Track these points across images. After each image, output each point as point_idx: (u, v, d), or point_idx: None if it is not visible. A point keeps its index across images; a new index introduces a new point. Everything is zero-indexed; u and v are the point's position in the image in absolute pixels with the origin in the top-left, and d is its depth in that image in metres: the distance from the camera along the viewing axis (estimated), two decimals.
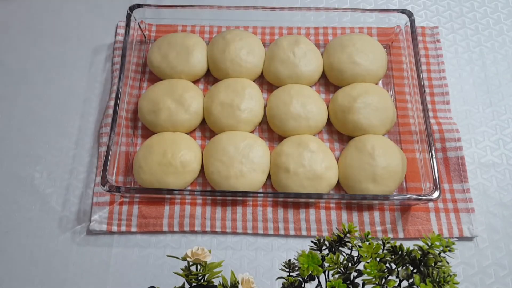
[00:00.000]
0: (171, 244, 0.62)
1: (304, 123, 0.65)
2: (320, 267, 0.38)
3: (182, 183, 0.63)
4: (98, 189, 0.64)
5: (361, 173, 0.61)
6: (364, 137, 0.64)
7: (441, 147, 0.65)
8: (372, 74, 0.69)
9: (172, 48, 0.70)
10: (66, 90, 0.73)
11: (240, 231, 0.62)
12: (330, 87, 0.72)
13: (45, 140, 0.69)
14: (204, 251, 0.41)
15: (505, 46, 0.75)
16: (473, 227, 0.61)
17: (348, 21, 0.74)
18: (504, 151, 0.67)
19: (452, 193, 0.63)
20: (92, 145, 0.68)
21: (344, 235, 0.41)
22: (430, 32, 0.75)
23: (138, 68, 0.72)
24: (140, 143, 0.68)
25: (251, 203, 0.63)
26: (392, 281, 0.37)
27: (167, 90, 0.67)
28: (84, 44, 0.77)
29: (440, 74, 0.72)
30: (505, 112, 0.70)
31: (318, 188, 0.61)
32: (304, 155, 0.62)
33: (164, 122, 0.66)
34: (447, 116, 0.69)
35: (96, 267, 0.60)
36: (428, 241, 0.38)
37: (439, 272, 0.36)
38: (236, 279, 0.41)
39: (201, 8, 0.72)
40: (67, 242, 0.62)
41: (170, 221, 0.62)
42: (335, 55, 0.70)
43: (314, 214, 0.62)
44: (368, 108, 0.65)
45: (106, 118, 0.68)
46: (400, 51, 0.72)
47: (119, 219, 0.62)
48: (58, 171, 0.67)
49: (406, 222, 0.62)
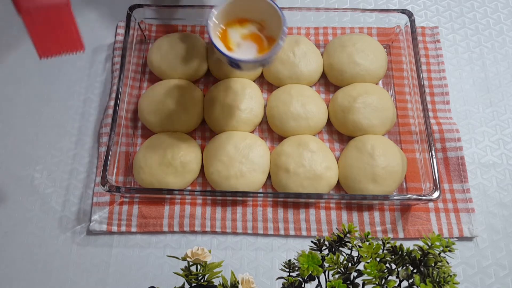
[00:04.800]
0: (171, 244, 0.62)
1: (304, 123, 0.65)
2: (320, 267, 0.38)
3: (182, 183, 0.63)
4: (98, 189, 0.64)
5: (361, 173, 0.61)
6: (364, 137, 0.64)
7: (441, 147, 0.65)
8: (372, 74, 0.69)
9: (172, 48, 0.70)
10: (66, 90, 0.73)
11: (240, 231, 0.62)
12: (330, 87, 0.72)
13: (45, 140, 0.69)
14: (204, 251, 0.41)
15: (505, 46, 0.75)
16: (473, 227, 0.61)
17: (348, 21, 0.74)
18: (504, 151, 0.67)
19: (452, 193, 0.63)
20: (92, 145, 0.68)
21: (344, 235, 0.41)
22: (430, 32, 0.75)
23: (138, 68, 0.72)
24: (140, 143, 0.68)
25: (251, 203, 0.63)
26: (392, 281, 0.37)
27: (167, 90, 0.67)
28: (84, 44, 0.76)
29: (440, 74, 0.72)
30: (505, 112, 0.70)
31: (318, 188, 0.61)
32: (304, 155, 0.62)
33: (164, 122, 0.66)
34: (447, 116, 0.69)
35: (96, 267, 0.60)
36: (428, 241, 0.38)
37: (439, 272, 0.36)
38: (236, 279, 0.41)
39: (201, 8, 0.72)
40: (67, 242, 0.62)
41: (170, 221, 0.62)
42: (335, 55, 0.70)
43: (314, 214, 0.62)
44: (368, 108, 0.65)
45: (106, 118, 0.68)
46: (400, 51, 0.72)
47: (119, 219, 0.62)
48: (58, 171, 0.67)
49: (406, 222, 0.62)
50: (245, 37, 0.56)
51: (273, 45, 0.53)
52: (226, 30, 0.56)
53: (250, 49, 0.56)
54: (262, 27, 0.57)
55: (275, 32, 0.55)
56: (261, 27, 0.57)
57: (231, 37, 0.56)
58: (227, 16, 0.56)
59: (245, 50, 0.56)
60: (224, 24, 0.56)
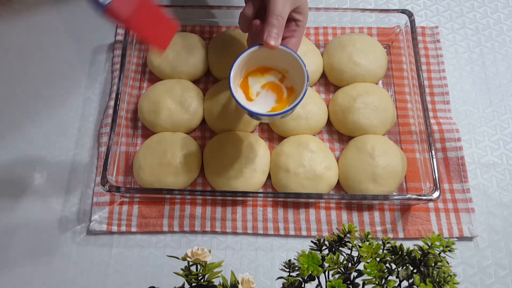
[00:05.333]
0: (171, 244, 0.62)
1: (304, 123, 0.65)
2: (320, 267, 0.38)
3: (182, 183, 0.63)
4: (98, 189, 0.64)
5: (361, 173, 0.61)
6: (364, 137, 0.64)
7: (441, 147, 0.65)
8: (372, 74, 0.69)
9: (172, 48, 0.70)
10: (66, 90, 0.73)
11: (240, 231, 0.62)
12: (330, 87, 0.72)
13: (45, 140, 0.69)
14: (204, 251, 0.41)
15: (505, 46, 0.75)
16: (473, 227, 0.61)
17: (348, 21, 0.74)
18: (504, 151, 0.67)
19: (452, 193, 0.63)
20: (92, 145, 0.68)
21: (344, 235, 0.41)
22: (430, 32, 0.75)
23: (138, 68, 0.72)
24: (140, 143, 0.68)
25: (251, 203, 0.63)
26: (392, 281, 0.37)
27: (167, 90, 0.67)
28: (84, 44, 0.77)
29: (440, 74, 0.72)
30: (505, 112, 0.70)
31: (318, 188, 0.61)
32: (304, 155, 0.62)
33: (164, 122, 0.66)
34: (447, 116, 0.69)
35: (96, 267, 0.60)
36: (428, 241, 0.38)
37: (439, 272, 0.36)
38: (236, 279, 0.41)
39: (201, 8, 0.72)
40: (67, 242, 0.62)
41: (170, 221, 0.62)
42: (335, 55, 0.70)
43: (314, 214, 0.62)
44: (368, 108, 0.65)
45: (106, 118, 0.68)
46: (400, 51, 0.72)
47: (119, 219, 0.62)
48: (58, 171, 0.67)
49: (406, 222, 0.62)
50: (265, 86, 0.56)
51: (293, 99, 0.53)
52: (247, 78, 0.56)
53: (269, 99, 0.55)
54: (283, 76, 0.56)
55: (296, 83, 0.55)
56: (282, 77, 0.56)
57: (252, 86, 0.56)
58: (248, 64, 0.55)
59: (264, 99, 0.55)
60: (245, 72, 0.56)
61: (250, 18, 0.55)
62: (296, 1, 0.53)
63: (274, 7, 0.50)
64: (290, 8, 0.52)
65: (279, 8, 0.50)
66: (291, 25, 0.55)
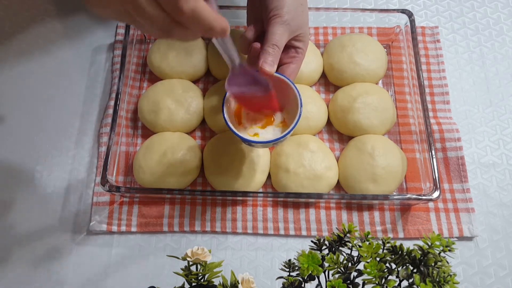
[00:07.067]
0: (171, 244, 0.62)
1: (304, 123, 0.65)
2: (320, 267, 0.38)
3: (182, 183, 0.63)
4: (98, 189, 0.64)
5: (361, 173, 0.61)
6: (364, 137, 0.64)
7: (441, 147, 0.65)
8: (372, 74, 0.69)
9: (172, 48, 0.70)
10: (66, 90, 0.73)
11: (240, 231, 0.62)
12: (330, 87, 0.72)
13: (45, 140, 0.69)
14: (204, 251, 0.41)
15: (505, 46, 0.75)
16: (473, 227, 0.61)
17: (348, 21, 0.74)
18: (504, 151, 0.67)
19: (452, 193, 0.63)
20: (92, 145, 0.68)
21: (344, 235, 0.41)
22: (430, 32, 0.75)
23: (138, 68, 0.72)
24: (140, 143, 0.68)
25: (251, 203, 0.63)
26: (392, 281, 0.37)
27: (167, 90, 0.67)
28: (84, 44, 0.77)
29: (440, 74, 0.72)
30: (505, 112, 0.70)
31: (318, 188, 0.61)
32: (304, 155, 0.62)
33: (164, 122, 0.66)
34: (447, 116, 0.69)
35: (96, 267, 0.60)
36: (428, 241, 0.38)
37: (439, 272, 0.36)
38: (236, 279, 0.41)
39: None
40: (67, 242, 0.62)
41: (170, 221, 0.62)
42: (335, 55, 0.70)
43: (314, 214, 0.62)
44: (368, 108, 0.65)
45: (106, 118, 0.68)
46: (400, 51, 0.72)
47: (119, 219, 0.62)
48: (58, 171, 0.67)
49: (406, 222, 0.62)
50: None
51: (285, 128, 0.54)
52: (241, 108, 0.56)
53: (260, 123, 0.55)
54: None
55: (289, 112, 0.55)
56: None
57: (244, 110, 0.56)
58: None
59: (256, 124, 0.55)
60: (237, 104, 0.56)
61: (251, 41, 0.55)
62: (295, 31, 0.54)
63: (272, 37, 0.51)
64: (289, 38, 0.53)
65: (276, 38, 0.51)
66: (291, 52, 0.56)
